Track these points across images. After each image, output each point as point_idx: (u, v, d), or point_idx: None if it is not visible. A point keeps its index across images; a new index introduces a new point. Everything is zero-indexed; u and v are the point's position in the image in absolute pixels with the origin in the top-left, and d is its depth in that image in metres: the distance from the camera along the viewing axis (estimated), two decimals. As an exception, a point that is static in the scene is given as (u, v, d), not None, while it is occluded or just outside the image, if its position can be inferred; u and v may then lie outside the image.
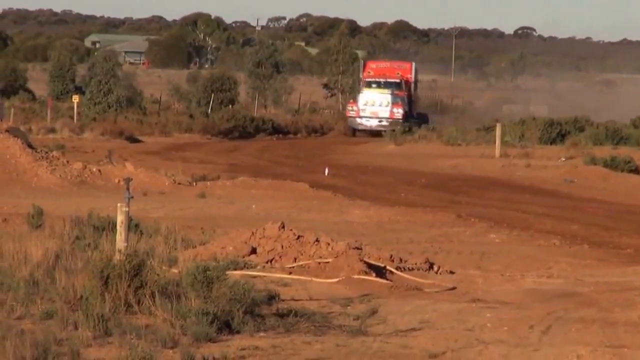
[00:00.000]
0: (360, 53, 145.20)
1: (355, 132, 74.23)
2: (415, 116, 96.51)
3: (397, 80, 77.03)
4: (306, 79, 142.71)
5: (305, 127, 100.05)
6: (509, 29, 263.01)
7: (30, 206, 35.23)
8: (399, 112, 75.01)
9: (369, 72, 79.01)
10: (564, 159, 73.51)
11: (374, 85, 77.89)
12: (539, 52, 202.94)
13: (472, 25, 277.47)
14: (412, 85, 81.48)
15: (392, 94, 75.56)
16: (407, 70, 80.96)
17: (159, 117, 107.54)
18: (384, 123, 74.68)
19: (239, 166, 66.10)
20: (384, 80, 77.74)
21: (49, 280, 22.50)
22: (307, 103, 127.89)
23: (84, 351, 18.41)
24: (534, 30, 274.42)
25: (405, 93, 78.15)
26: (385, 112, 75.50)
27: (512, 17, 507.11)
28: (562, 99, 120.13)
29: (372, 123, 75.67)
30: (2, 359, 17.85)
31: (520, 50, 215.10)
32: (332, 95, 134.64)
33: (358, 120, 74.55)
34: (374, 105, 75.60)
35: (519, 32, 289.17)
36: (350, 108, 76.48)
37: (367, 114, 75.82)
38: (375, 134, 73.63)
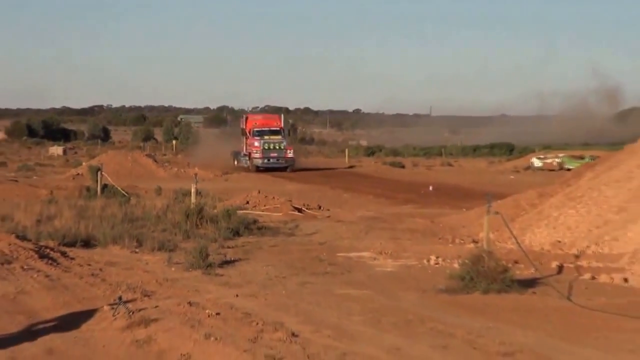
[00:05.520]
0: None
1: (258, 168, 61.85)
2: None
3: (279, 129, 64.52)
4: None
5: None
6: (350, 109, 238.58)
7: (155, 186, 37.29)
8: (291, 153, 62.57)
9: (254, 124, 65.24)
10: (374, 162, 75.42)
11: (266, 134, 61.99)
12: (362, 119, 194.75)
13: (337, 107, 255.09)
14: (287, 131, 67.77)
15: (283, 139, 63.64)
16: (279, 120, 67.73)
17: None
18: (280, 161, 62.16)
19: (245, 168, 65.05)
20: (269, 129, 64.39)
21: (164, 216, 22.77)
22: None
23: (180, 244, 18.88)
24: (361, 109, 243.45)
25: (284, 138, 65.77)
26: (282, 153, 60.88)
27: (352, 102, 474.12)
28: (372, 138, 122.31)
29: (272, 161, 62.95)
30: (145, 248, 18.20)
31: (356, 118, 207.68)
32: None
33: (261, 160, 62.21)
34: (273, 149, 62.44)
35: (356, 111, 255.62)
36: (254, 151, 60.88)
37: (268, 155, 60.52)
38: (273, 169, 61.92)
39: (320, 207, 29.89)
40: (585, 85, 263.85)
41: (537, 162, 68.37)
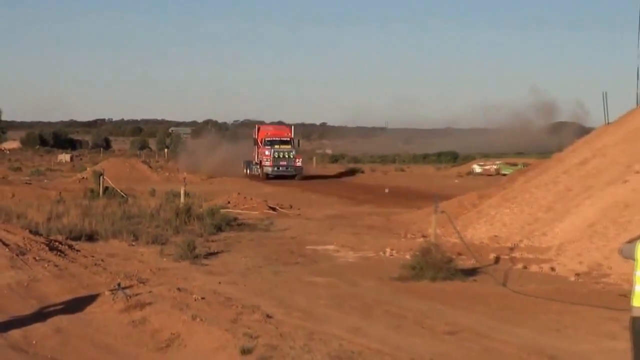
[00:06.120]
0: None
1: (268, 176, 57.75)
2: None
3: (289, 139, 59.94)
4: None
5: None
6: (318, 122, 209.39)
7: (150, 188, 36.30)
8: (299, 161, 58.49)
9: (266, 133, 61.48)
10: (339, 169, 73.64)
11: (276, 143, 59.61)
12: (328, 131, 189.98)
13: (307, 121, 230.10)
14: (296, 142, 61.88)
15: (292, 148, 59.33)
16: (289, 131, 62.39)
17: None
18: (289, 170, 57.81)
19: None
20: (280, 139, 59.96)
21: (157, 214, 22.68)
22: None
23: (170, 238, 18.82)
24: (327, 123, 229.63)
25: (294, 148, 60.48)
26: (291, 162, 57.47)
27: (319, 116, 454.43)
28: (336, 147, 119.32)
29: (282, 169, 58.24)
30: (141, 242, 18.15)
31: (323, 130, 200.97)
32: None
33: (271, 168, 58.18)
34: (282, 158, 58.23)
35: (323, 124, 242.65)
36: (265, 160, 58.60)
37: (278, 163, 58.55)
38: (282, 177, 57.34)
39: (291, 207, 29.54)
40: (524, 100, 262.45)
41: (477, 168, 67.68)
